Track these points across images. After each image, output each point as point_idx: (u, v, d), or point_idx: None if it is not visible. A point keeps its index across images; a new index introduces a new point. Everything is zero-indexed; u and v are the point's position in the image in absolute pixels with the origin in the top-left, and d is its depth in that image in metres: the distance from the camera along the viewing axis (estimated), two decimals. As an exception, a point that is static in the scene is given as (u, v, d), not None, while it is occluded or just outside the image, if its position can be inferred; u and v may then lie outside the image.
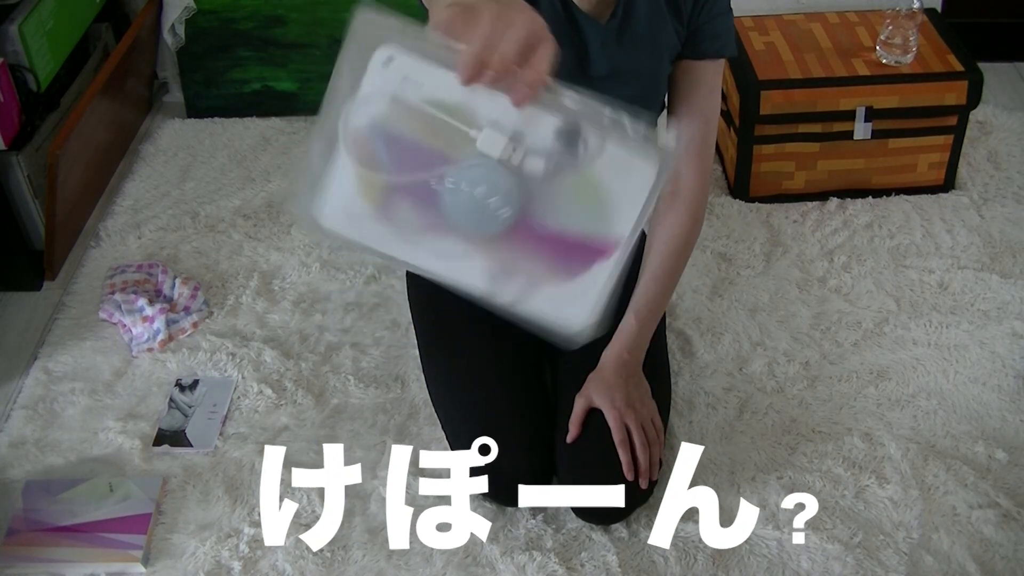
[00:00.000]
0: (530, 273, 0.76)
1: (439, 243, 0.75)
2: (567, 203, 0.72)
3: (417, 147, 0.71)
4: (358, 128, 0.73)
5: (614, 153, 0.71)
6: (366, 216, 0.75)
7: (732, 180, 2.24)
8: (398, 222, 0.74)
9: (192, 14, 2.47)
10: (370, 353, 1.88)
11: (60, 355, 1.91)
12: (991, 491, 1.60)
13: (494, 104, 0.70)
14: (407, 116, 0.71)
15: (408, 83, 0.71)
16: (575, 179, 0.72)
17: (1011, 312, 1.92)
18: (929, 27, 2.24)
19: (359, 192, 0.74)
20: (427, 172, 0.72)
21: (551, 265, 0.75)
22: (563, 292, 0.76)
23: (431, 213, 0.73)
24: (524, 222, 0.73)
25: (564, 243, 0.74)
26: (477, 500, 1.60)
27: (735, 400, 1.77)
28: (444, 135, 0.71)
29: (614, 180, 0.72)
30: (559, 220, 0.73)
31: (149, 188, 2.33)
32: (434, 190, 0.72)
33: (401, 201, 0.74)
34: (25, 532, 1.57)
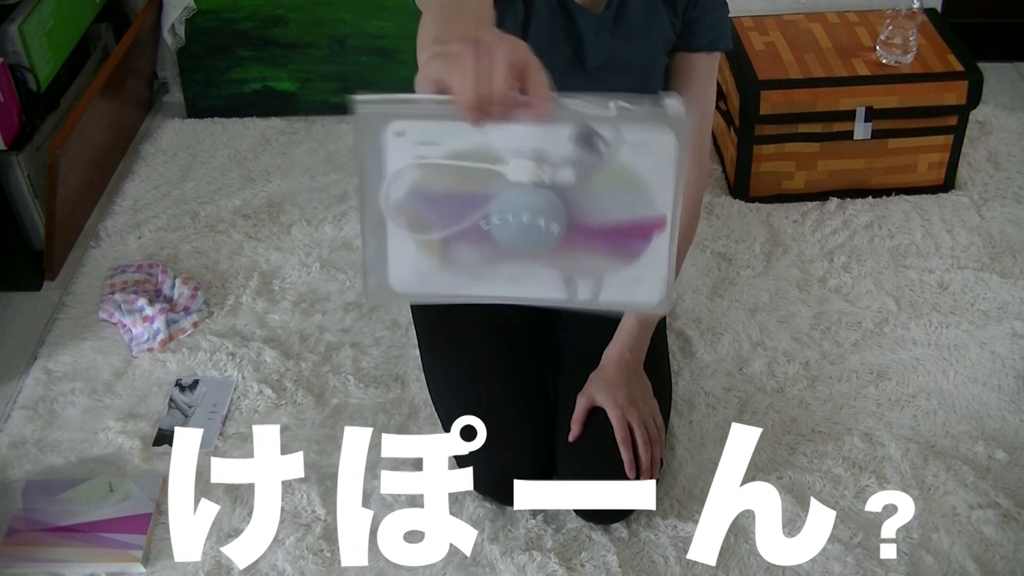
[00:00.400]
0: (597, 268, 0.81)
1: (506, 270, 0.80)
2: (607, 197, 0.77)
3: (456, 197, 0.77)
4: (398, 201, 0.78)
5: (632, 138, 0.75)
6: (433, 270, 0.80)
7: (732, 180, 2.24)
8: (463, 265, 0.80)
9: (192, 14, 2.47)
10: (370, 353, 1.88)
11: (60, 355, 1.91)
12: (991, 491, 1.60)
13: (507, 135, 0.74)
14: (437, 174, 0.76)
15: (425, 146, 0.75)
16: (606, 174, 0.76)
17: (1011, 312, 1.92)
18: (929, 27, 2.24)
19: (420, 252, 0.79)
20: (473, 216, 0.77)
21: (612, 255, 0.80)
22: (632, 274, 0.81)
23: (489, 249, 0.79)
24: (575, 227, 0.78)
25: (617, 232, 0.79)
26: (477, 500, 1.60)
27: (735, 400, 1.77)
28: (476, 179, 0.76)
29: (641, 162, 0.76)
30: (606, 214, 0.78)
31: (149, 188, 2.33)
32: (485, 230, 0.77)
33: (459, 247, 0.79)
34: (25, 532, 1.57)
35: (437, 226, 0.78)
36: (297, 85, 2.54)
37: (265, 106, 2.55)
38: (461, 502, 1.60)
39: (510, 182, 0.76)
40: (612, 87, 1.46)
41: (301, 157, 2.41)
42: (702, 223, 2.15)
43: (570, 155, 0.76)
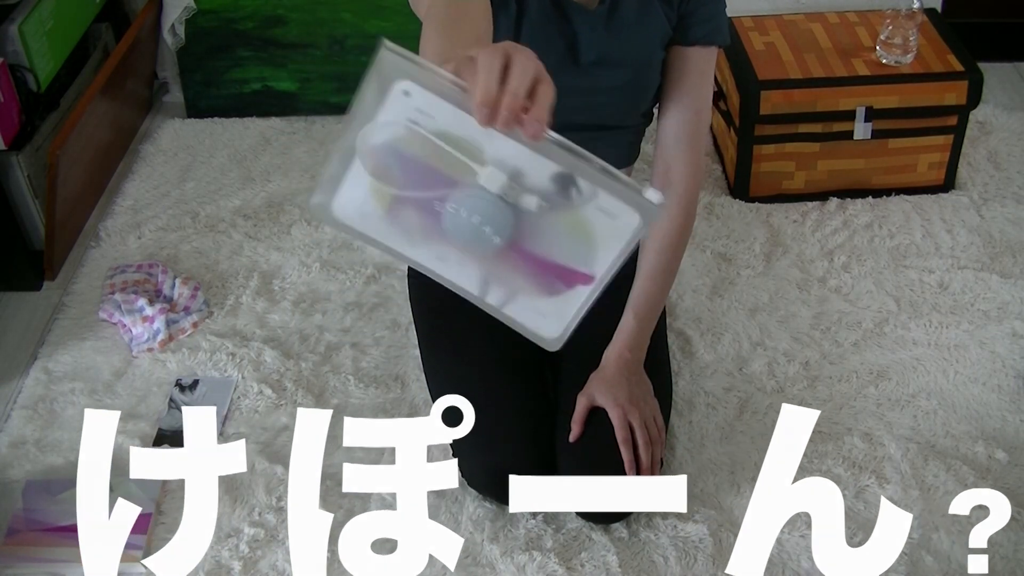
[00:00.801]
0: (515, 286, 0.86)
1: (437, 248, 0.85)
2: (556, 236, 0.82)
3: (426, 169, 0.80)
4: (374, 145, 0.81)
5: (604, 201, 0.80)
6: (375, 216, 0.84)
7: (732, 180, 2.24)
8: (403, 226, 0.84)
9: (192, 14, 2.47)
10: (370, 353, 1.88)
11: (60, 355, 1.91)
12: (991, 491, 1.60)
13: (498, 143, 0.78)
14: (419, 142, 0.79)
15: (422, 115, 0.79)
16: (565, 218, 0.81)
17: (1011, 312, 1.92)
18: (929, 27, 2.24)
19: (371, 195, 0.83)
20: (432, 192, 0.81)
21: (534, 283, 0.86)
22: (541, 306, 0.87)
23: (432, 225, 0.83)
24: (515, 246, 0.82)
25: (548, 267, 0.84)
26: (477, 500, 1.60)
27: (735, 400, 1.77)
28: (451, 164, 0.79)
29: (601, 223, 0.81)
30: (546, 249, 0.83)
31: (149, 188, 2.33)
32: (436, 212, 0.81)
33: (407, 210, 0.83)
34: (25, 532, 1.57)
35: (397, 183, 0.82)
36: (297, 85, 2.54)
37: (265, 106, 2.56)
38: (461, 502, 1.61)
39: (478, 184, 0.80)
40: (606, 83, 1.46)
41: (301, 157, 2.41)
42: (702, 223, 2.15)
43: (542, 187, 0.80)
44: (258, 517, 1.60)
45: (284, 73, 2.53)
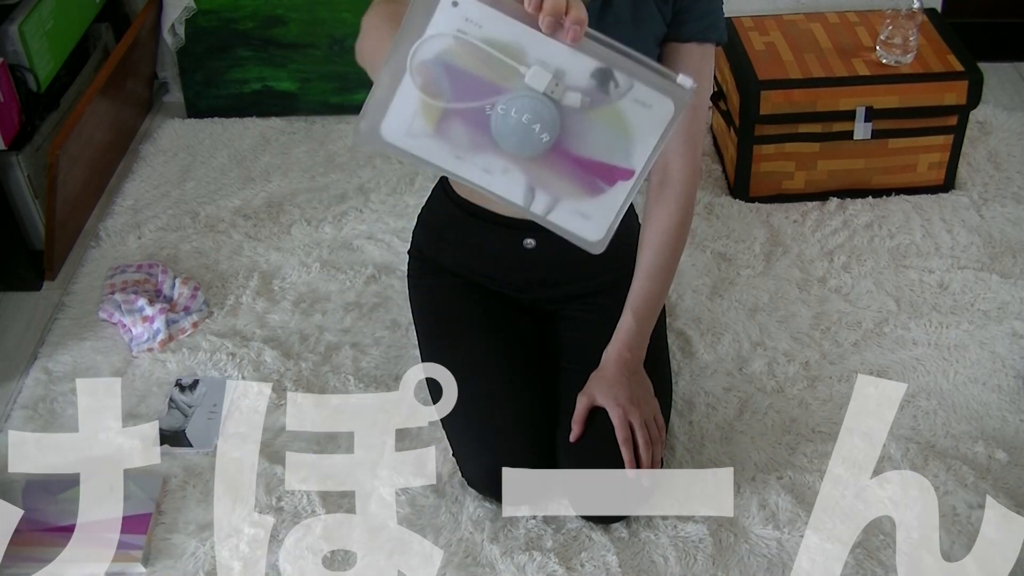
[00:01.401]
0: (560, 189, 0.91)
1: (485, 159, 0.90)
2: (596, 134, 0.88)
3: (474, 79, 0.86)
4: (424, 61, 0.86)
5: (639, 92, 0.87)
6: (423, 134, 0.89)
7: (732, 180, 2.24)
8: (451, 140, 0.89)
9: (192, 14, 2.47)
10: (370, 353, 1.88)
11: (60, 355, 1.91)
12: (991, 491, 1.60)
13: (541, 45, 0.85)
14: (467, 52, 0.85)
15: (469, 24, 0.85)
16: (605, 112, 0.87)
17: (1011, 312, 1.92)
18: (929, 27, 2.24)
19: (420, 113, 0.88)
20: (481, 100, 0.87)
21: (578, 183, 0.91)
22: (586, 207, 0.92)
23: (481, 135, 0.88)
24: (559, 146, 0.88)
25: (590, 166, 0.90)
26: (477, 500, 1.60)
27: (735, 400, 1.77)
28: (498, 69, 0.86)
29: (638, 115, 0.88)
30: (588, 147, 0.89)
31: (149, 188, 2.33)
32: (486, 115, 0.87)
33: (456, 123, 0.88)
34: (25, 532, 1.57)
35: (447, 96, 0.88)
36: (297, 85, 2.54)
37: (265, 106, 2.56)
38: (461, 502, 1.61)
39: (525, 84, 0.86)
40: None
41: (301, 157, 2.41)
42: (702, 223, 2.15)
43: (584, 84, 0.87)
44: (258, 517, 1.60)
45: (284, 73, 2.53)
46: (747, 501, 1.60)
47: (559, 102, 0.87)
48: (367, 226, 2.18)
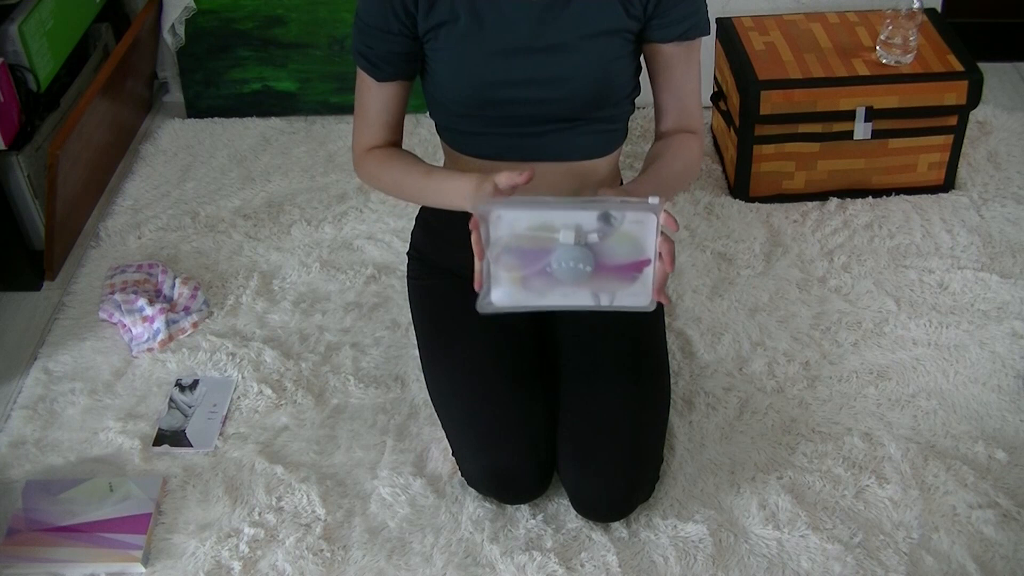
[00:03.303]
0: (612, 287, 1.33)
1: (559, 291, 1.33)
2: (618, 249, 1.31)
3: (531, 252, 1.31)
4: (499, 255, 1.31)
5: (631, 216, 1.29)
6: (517, 292, 1.34)
7: (732, 180, 2.24)
8: (536, 290, 1.33)
9: (192, 14, 2.47)
10: (370, 353, 1.88)
11: (60, 355, 1.91)
12: (991, 491, 1.60)
13: (560, 216, 1.29)
14: (520, 238, 1.30)
15: (513, 223, 1.30)
16: (616, 236, 1.30)
17: (1011, 312, 1.92)
18: (929, 27, 2.24)
19: (510, 282, 1.33)
20: (541, 263, 1.31)
21: (621, 280, 1.33)
22: (632, 290, 1.33)
23: (550, 280, 1.32)
24: (599, 266, 1.31)
25: (623, 268, 1.32)
26: (477, 500, 1.60)
27: (735, 400, 1.77)
28: (542, 241, 1.30)
29: (636, 229, 1.29)
30: (616, 259, 1.31)
31: (149, 188, 2.33)
32: (548, 271, 1.31)
33: (533, 279, 1.33)
34: (25, 532, 1.58)
35: (520, 268, 1.32)
36: (297, 85, 2.54)
37: (265, 106, 2.56)
38: (461, 502, 1.61)
39: (561, 243, 1.30)
40: (556, 71, 1.47)
41: (301, 157, 2.41)
42: (702, 223, 2.15)
43: (595, 227, 1.29)
44: (258, 517, 1.60)
45: (284, 73, 2.53)
46: (747, 501, 1.60)
47: (586, 244, 1.29)
48: (367, 226, 2.18)
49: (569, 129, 1.53)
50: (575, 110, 1.51)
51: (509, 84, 1.47)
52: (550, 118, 1.51)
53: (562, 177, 1.57)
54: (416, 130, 2.46)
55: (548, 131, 1.52)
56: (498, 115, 1.51)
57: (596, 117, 1.53)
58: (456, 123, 1.56)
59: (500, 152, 1.55)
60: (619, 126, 1.58)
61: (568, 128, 1.53)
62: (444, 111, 1.55)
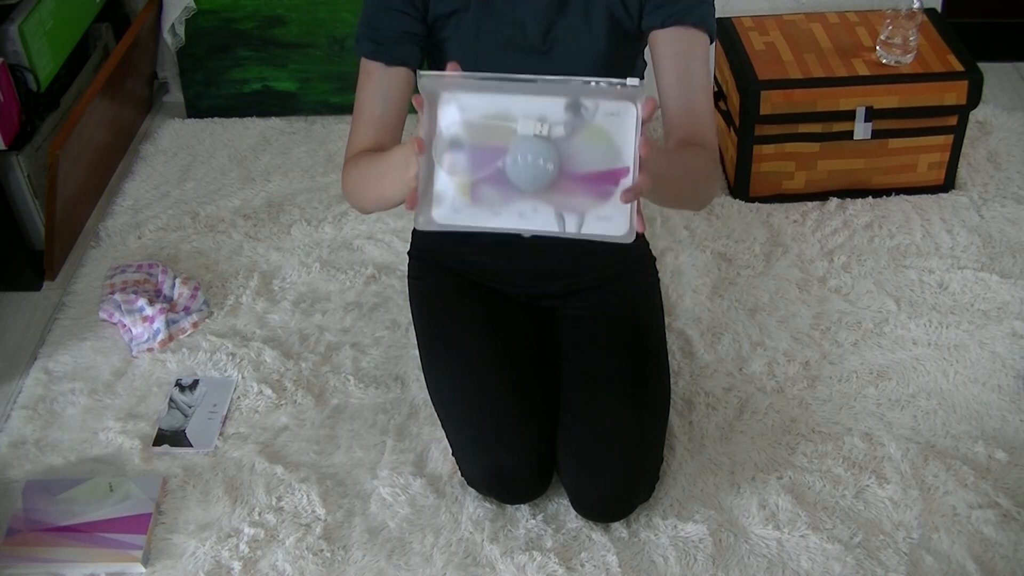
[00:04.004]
0: (580, 205, 1.10)
1: (516, 206, 1.10)
2: (587, 151, 1.08)
3: (484, 148, 1.08)
4: (444, 151, 1.09)
5: (605, 107, 1.07)
6: (464, 206, 1.10)
7: (732, 180, 2.24)
8: (487, 202, 1.10)
9: (192, 14, 2.47)
10: (370, 353, 1.88)
11: (60, 355, 1.91)
12: (991, 491, 1.60)
13: (520, 103, 1.08)
14: (471, 131, 1.08)
15: (464, 111, 1.09)
16: (587, 132, 1.08)
17: (1011, 312, 1.92)
18: (929, 27, 2.24)
19: (456, 192, 1.10)
20: (495, 162, 1.08)
21: (591, 196, 1.09)
22: (605, 212, 1.10)
23: (505, 188, 1.09)
24: (565, 172, 1.08)
25: (594, 178, 1.09)
26: (477, 500, 1.60)
27: (735, 400, 1.77)
28: (497, 134, 1.07)
29: (612, 124, 1.08)
30: (586, 164, 1.08)
31: (149, 188, 2.33)
32: (503, 171, 1.07)
33: (484, 188, 1.10)
34: (25, 532, 1.58)
35: (468, 170, 1.09)
36: (297, 85, 2.54)
37: (265, 106, 2.56)
38: (461, 502, 1.61)
39: (520, 135, 1.07)
40: (557, 68, 1.46)
41: (301, 157, 2.41)
42: (702, 223, 2.15)
43: (562, 118, 1.07)
44: (258, 517, 1.60)
45: (284, 73, 2.53)
46: (747, 501, 1.60)
47: (550, 137, 1.07)
48: (367, 226, 2.18)
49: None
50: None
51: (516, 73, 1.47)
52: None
53: None
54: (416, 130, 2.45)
55: None
56: None
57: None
58: None
59: None
60: None
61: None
62: None
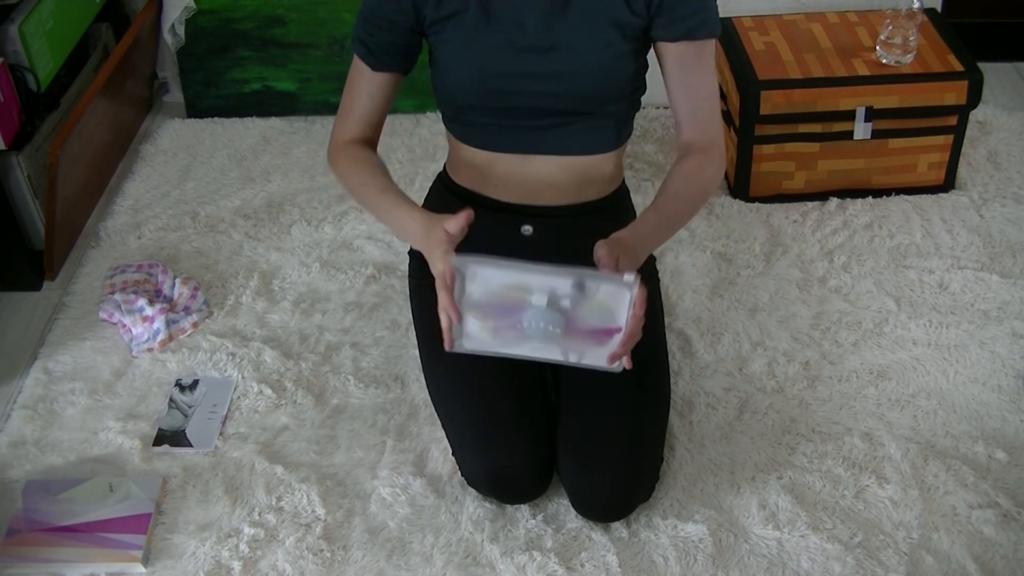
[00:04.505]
0: (581, 348, 1.38)
1: (530, 345, 1.38)
2: (592, 315, 1.35)
3: (504, 307, 1.35)
4: (472, 307, 1.36)
5: (605, 288, 1.33)
6: (489, 340, 1.39)
7: (732, 180, 2.24)
8: (507, 341, 1.38)
9: (192, 14, 2.47)
10: (370, 353, 1.88)
11: (60, 355, 1.91)
12: (991, 491, 1.60)
13: (536, 278, 1.33)
14: (494, 295, 1.34)
15: (488, 281, 1.34)
16: (589, 303, 1.34)
17: (1011, 312, 1.92)
18: (929, 27, 2.24)
19: (482, 330, 1.38)
20: (514, 319, 1.36)
21: (592, 342, 1.37)
22: (600, 352, 1.38)
23: (522, 336, 1.37)
24: (571, 328, 1.35)
25: (594, 332, 1.36)
26: (477, 500, 1.61)
27: (735, 400, 1.77)
28: (516, 298, 1.34)
29: (609, 300, 1.34)
30: (588, 323, 1.35)
31: (149, 188, 2.33)
32: (521, 328, 1.36)
33: (505, 331, 1.37)
34: (25, 532, 1.58)
35: (493, 319, 1.36)
36: (297, 85, 2.54)
37: (265, 106, 2.56)
38: (461, 502, 1.61)
39: (534, 305, 1.34)
40: (558, 68, 1.47)
41: (301, 157, 2.41)
42: (702, 223, 2.15)
43: (569, 293, 1.33)
44: (258, 517, 1.60)
45: (284, 73, 2.53)
46: (747, 501, 1.60)
47: (558, 307, 1.34)
48: (367, 226, 2.18)
49: (570, 124, 1.53)
50: (576, 105, 1.51)
51: (513, 76, 1.48)
52: (552, 112, 1.51)
53: (561, 171, 1.57)
54: (416, 130, 2.46)
55: (550, 125, 1.52)
56: (501, 106, 1.51)
57: (597, 113, 1.53)
58: (461, 113, 1.56)
59: (502, 144, 1.56)
60: (621, 123, 1.58)
61: (569, 123, 1.53)
62: (450, 101, 1.55)
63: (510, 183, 1.59)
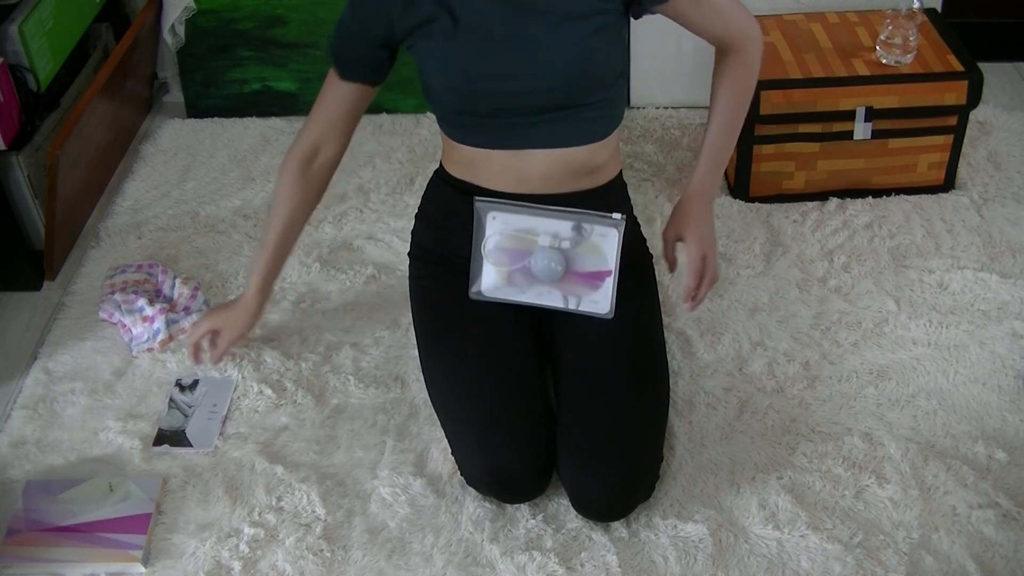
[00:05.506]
0: (579, 292, 1.59)
1: (536, 290, 1.60)
2: (586, 258, 1.57)
3: (515, 251, 1.58)
4: (490, 251, 1.58)
5: (597, 230, 1.56)
6: (502, 285, 1.60)
7: (732, 180, 2.24)
8: (517, 284, 1.60)
9: (192, 14, 2.47)
10: (370, 353, 1.88)
11: (60, 355, 1.91)
12: (991, 491, 1.60)
13: (542, 223, 1.56)
14: (508, 238, 1.57)
15: (504, 225, 1.57)
16: (586, 246, 1.56)
17: (1011, 312, 1.92)
18: (929, 27, 2.24)
19: (497, 275, 1.60)
20: (524, 261, 1.58)
21: (587, 286, 1.58)
22: (595, 296, 1.59)
23: (530, 278, 1.59)
24: (570, 271, 1.57)
25: (589, 275, 1.58)
26: (477, 500, 1.61)
27: (735, 400, 1.77)
28: (526, 242, 1.57)
29: (602, 242, 1.56)
30: (584, 266, 1.58)
31: (149, 188, 2.33)
32: (528, 267, 1.57)
33: (516, 276, 1.59)
34: (25, 532, 1.58)
35: (506, 263, 1.58)
36: (297, 85, 2.54)
37: (265, 106, 2.56)
38: (461, 502, 1.61)
39: (540, 245, 1.57)
40: (538, 60, 1.48)
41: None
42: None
43: (569, 235, 1.56)
44: (258, 517, 1.60)
45: (284, 73, 2.53)
46: (747, 501, 1.60)
47: (560, 248, 1.56)
48: (367, 226, 2.18)
49: (559, 118, 1.53)
50: (561, 98, 1.52)
51: (491, 78, 1.49)
52: (538, 108, 1.52)
53: (556, 165, 1.57)
54: (416, 130, 2.46)
55: (538, 120, 1.53)
56: (486, 108, 1.53)
57: (585, 103, 1.54)
58: (452, 116, 1.59)
59: (495, 142, 1.57)
60: (611, 111, 1.59)
61: (558, 116, 1.53)
62: (439, 104, 1.58)
63: (505, 176, 1.60)
